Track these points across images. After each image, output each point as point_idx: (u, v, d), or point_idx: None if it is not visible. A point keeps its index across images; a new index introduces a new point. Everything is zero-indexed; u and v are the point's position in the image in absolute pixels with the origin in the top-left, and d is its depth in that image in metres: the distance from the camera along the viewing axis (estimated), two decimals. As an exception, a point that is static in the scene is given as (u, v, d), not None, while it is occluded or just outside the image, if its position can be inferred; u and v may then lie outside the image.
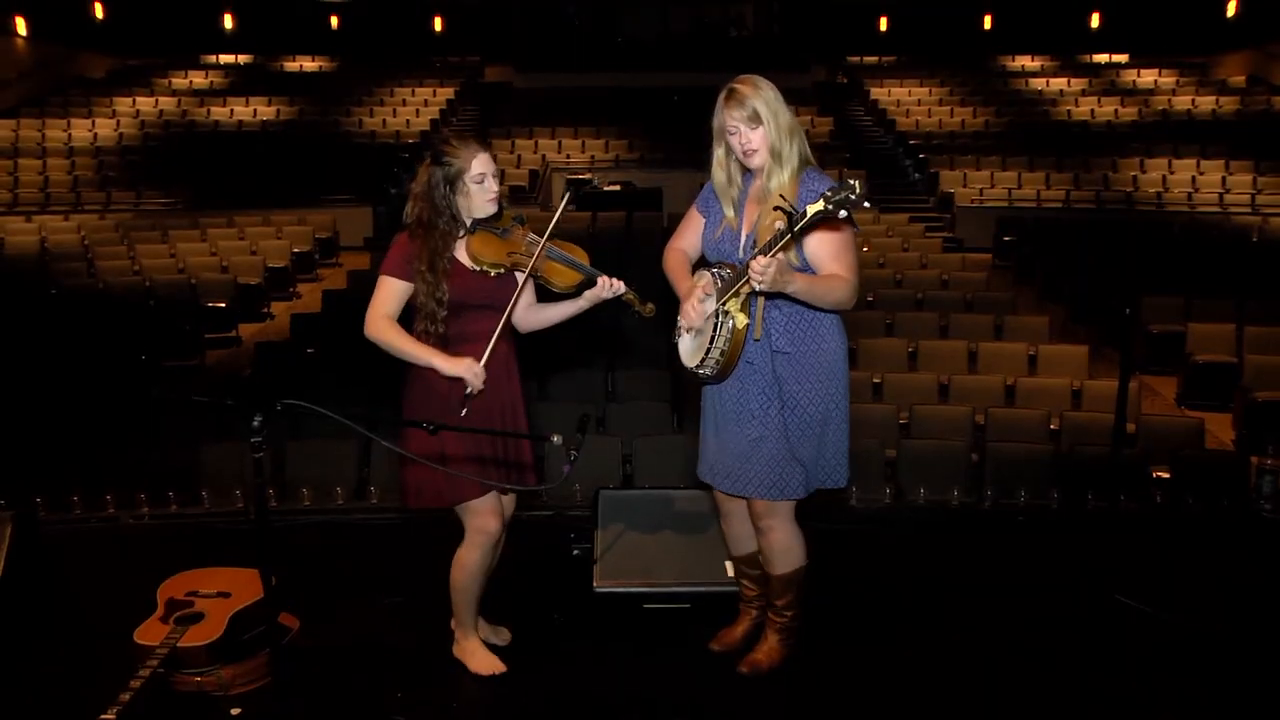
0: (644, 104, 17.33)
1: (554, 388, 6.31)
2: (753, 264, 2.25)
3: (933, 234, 12.20)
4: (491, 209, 2.70)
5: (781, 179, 2.54)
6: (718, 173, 2.66)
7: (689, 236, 2.80)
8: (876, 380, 6.53)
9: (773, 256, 2.28)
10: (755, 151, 2.55)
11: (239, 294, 9.71)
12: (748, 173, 2.66)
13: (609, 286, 2.66)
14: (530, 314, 2.84)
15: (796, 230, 2.19)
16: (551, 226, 2.63)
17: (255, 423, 2.08)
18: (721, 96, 2.57)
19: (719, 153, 2.64)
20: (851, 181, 2.12)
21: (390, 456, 2.78)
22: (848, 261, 2.51)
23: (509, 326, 2.76)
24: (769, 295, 2.48)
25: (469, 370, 2.61)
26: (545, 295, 2.81)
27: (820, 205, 2.14)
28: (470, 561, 2.80)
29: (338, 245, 12.45)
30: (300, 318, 8.37)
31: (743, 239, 2.63)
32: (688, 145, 16.19)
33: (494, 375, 2.70)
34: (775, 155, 2.54)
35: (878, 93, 18.14)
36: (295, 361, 7.09)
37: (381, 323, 2.63)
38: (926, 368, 6.92)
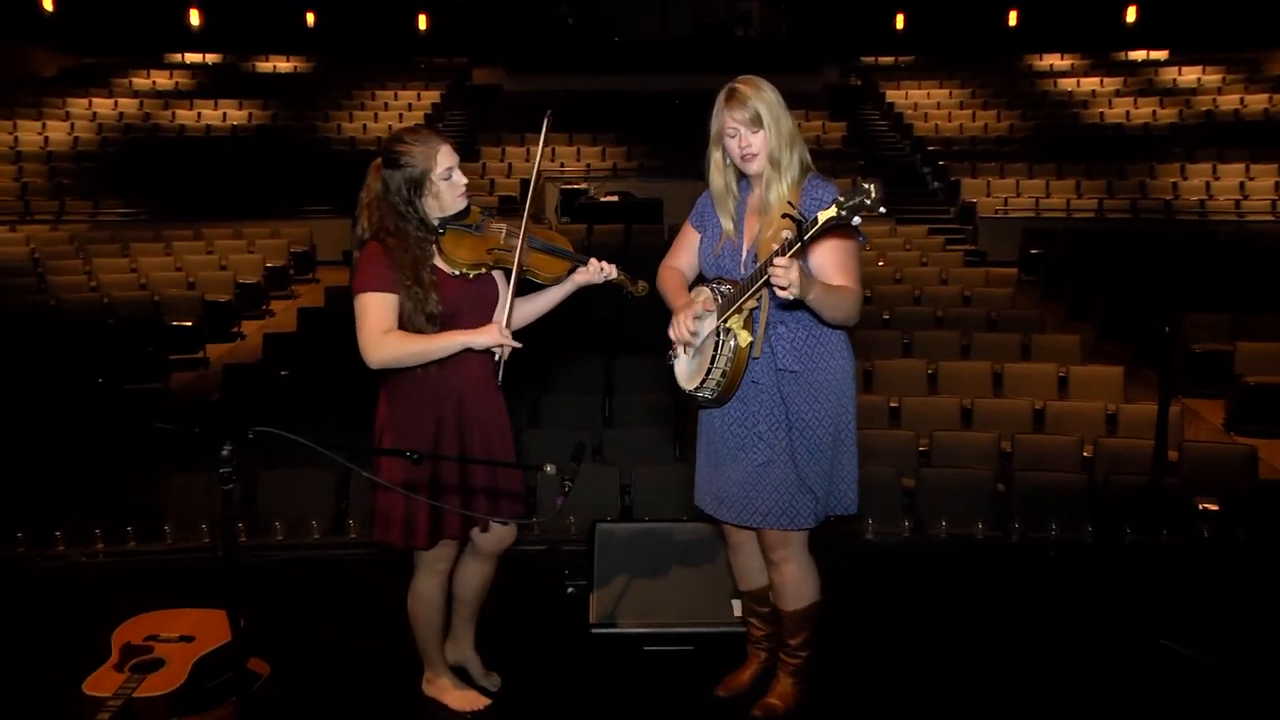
0: (643, 108, 17.49)
1: (547, 413, 6.33)
2: (774, 264, 2.28)
3: (953, 247, 12.27)
4: (462, 204, 2.70)
5: (781, 189, 2.58)
6: (715, 178, 2.69)
7: (684, 254, 2.84)
8: (894, 404, 6.55)
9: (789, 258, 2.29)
10: (754, 156, 2.59)
11: (207, 312, 9.75)
12: (744, 180, 2.70)
13: (599, 270, 2.69)
14: (522, 309, 2.84)
15: (807, 238, 2.22)
16: (531, 194, 2.66)
17: (224, 451, 2.08)
18: (721, 96, 2.60)
19: (716, 156, 2.68)
20: (866, 185, 2.10)
21: (372, 487, 2.77)
22: (853, 273, 2.55)
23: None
24: (784, 305, 2.51)
25: (497, 336, 2.60)
26: (530, 286, 2.83)
27: (833, 211, 2.15)
28: (426, 591, 2.82)
29: (314, 260, 12.53)
30: (274, 338, 8.40)
31: (744, 253, 2.66)
32: (690, 153, 16.04)
33: (478, 397, 2.70)
34: (774, 163, 2.58)
35: (894, 95, 18.28)
36: (268, 385, 7.11)
37: (388, 340, 2.56)
38: (947, 391, 6.95)
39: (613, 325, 7.81)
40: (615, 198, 13.83)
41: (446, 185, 2.65)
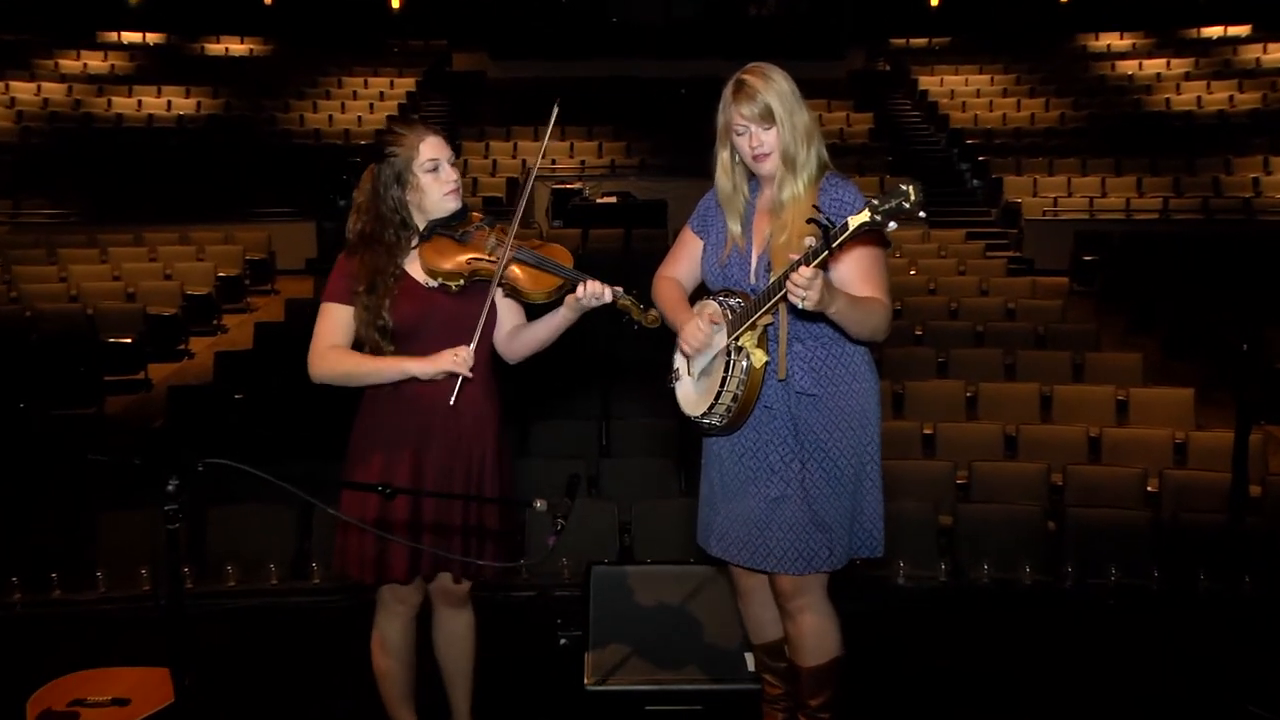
0: (645, 98, 17.61)
1: (536, 441, 6.36)
2: (795, 276, 2.29)
3: (995, 253, 12.34)
4: (452, 205, 2.74)
5: (796, 189, 2.60)
6: (722, 180, 2.73)
7: (683, 263, 2.87)
8: (928, 431, 6.58)
9: (810, 268, 2.31)
10: (766, 156, 2.62)
11: (149, 327, 9.78)
12: (754, 180, 2.74)
13: (597, 291, 2.67)
14: (516, 338, 2.84)
15: (835, 245, 2.24)
16: (522, 202, 2.67)
17: (170, 487, 2.09)
18: (728, 89, 2.64)
19: (723, 156, 2.71)
20: (905, 186, 2.12)
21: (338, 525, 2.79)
22: (880, 282, 2.58)
23: (485, 353, 2.78)
24: (803, 317, 2.54)
25: (452, 363, 2.61)
26: (531, 311, 2.84)
27: (866, 216, 2.17)
28: (390, 637, 2.87)
29: (273, 268, 12.58)
30: (226, 356, 8.44)
31: (754, 261, 2.68)
32: (698, 148, 16.00)
33: (460, 422, 2.72)
34: (788, 161, 2.61)
35: (928, 82, 18.40)
36: (220, 410, 7.13)
37: (329, 355, 2.67)
38: (989, 416, 6.98)
39: (611, 342, 7.85)
40: (613, 199, 13.93)
41: (430, 179, 2.70)
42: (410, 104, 17.61)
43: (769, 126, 2.59)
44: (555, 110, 2.85)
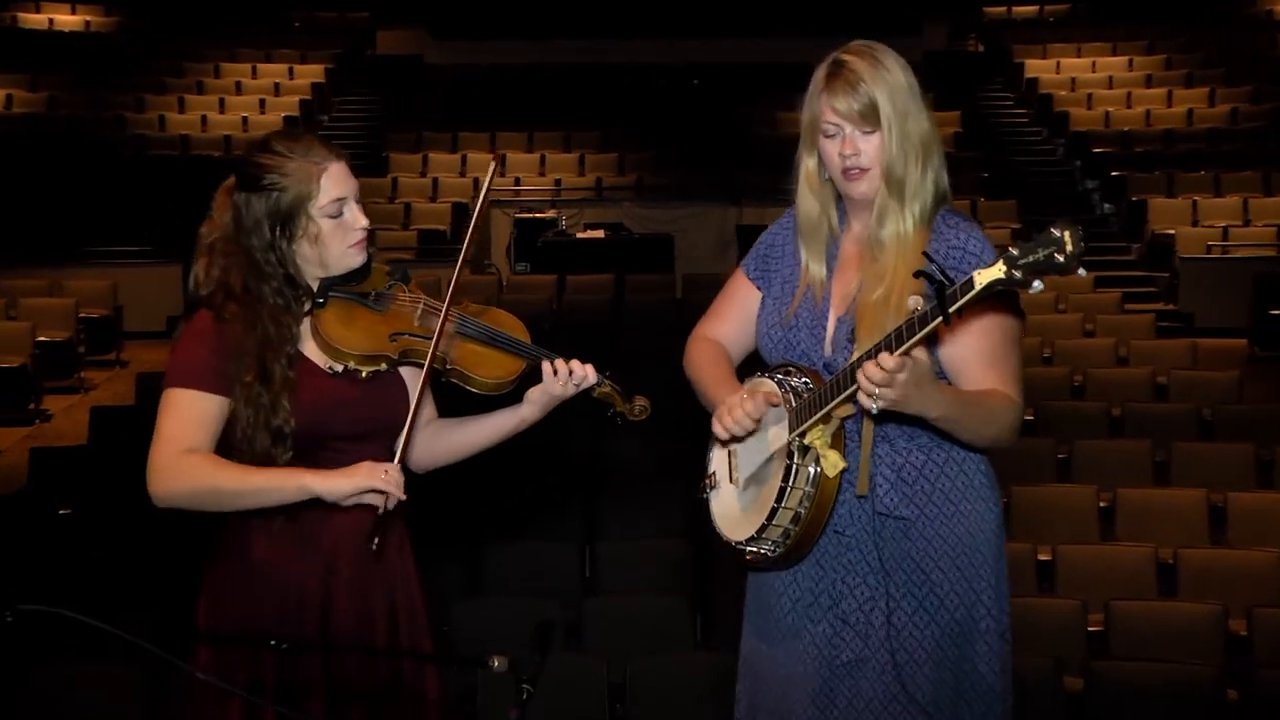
0: (643, 92, 17.84)
1: (494, 572, 6.37)
2: (868, 369, 2.27)
3: (1138, 305, 12.42)
4: (356, 260, 2.72)
5: (902, 225, 2.61)
6: (806, 198, 2.75)
7: (730, 321, 2.90)
8: (1044, 557, 6.57)
9: (902, 355, 2.28)
10: (862, 173, 2.61)
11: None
12: (840, 205, 2.76)
13: (568, 376, 2.68)
14: (434, 439, 2.86)
15: (952, 311, 2.21)
16: (456, 274, 2.62)
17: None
18: (820, 72, 2.65)
19: (809, 164, 2.73)
20: (1058, 232, 2.09)
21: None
22: (1010, 370, 2.59)
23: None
24: (888, 419, 2.53)
25: (382, 481, 2.53)
26: (455, 401, 2.84)
27: (999, 271, 2.15)
28: None
29: (119, 330, 12.59)
30: (47, 455, 8.47)
31: (830, 325, 2.69)
32: (716, 162, 15.32)
33: (379, 555, 2.69)
34: (893, 184, 2.60)
35: (1037, 67, 18.66)
36: (38, 530, 7.13)
37: (184, 464, 2.57)
38: (1134, 536, 6.97)
39: (596, 434, 7.89)
40: (600, 233, 13.99)
41: (333, 226, 2.67)
42: (319, 100, 17.81)
43: (870, 131, 2.59)
44: (492, 167, 2.83)
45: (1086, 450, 8.00)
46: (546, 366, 2.69)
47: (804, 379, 2.62)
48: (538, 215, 14.41)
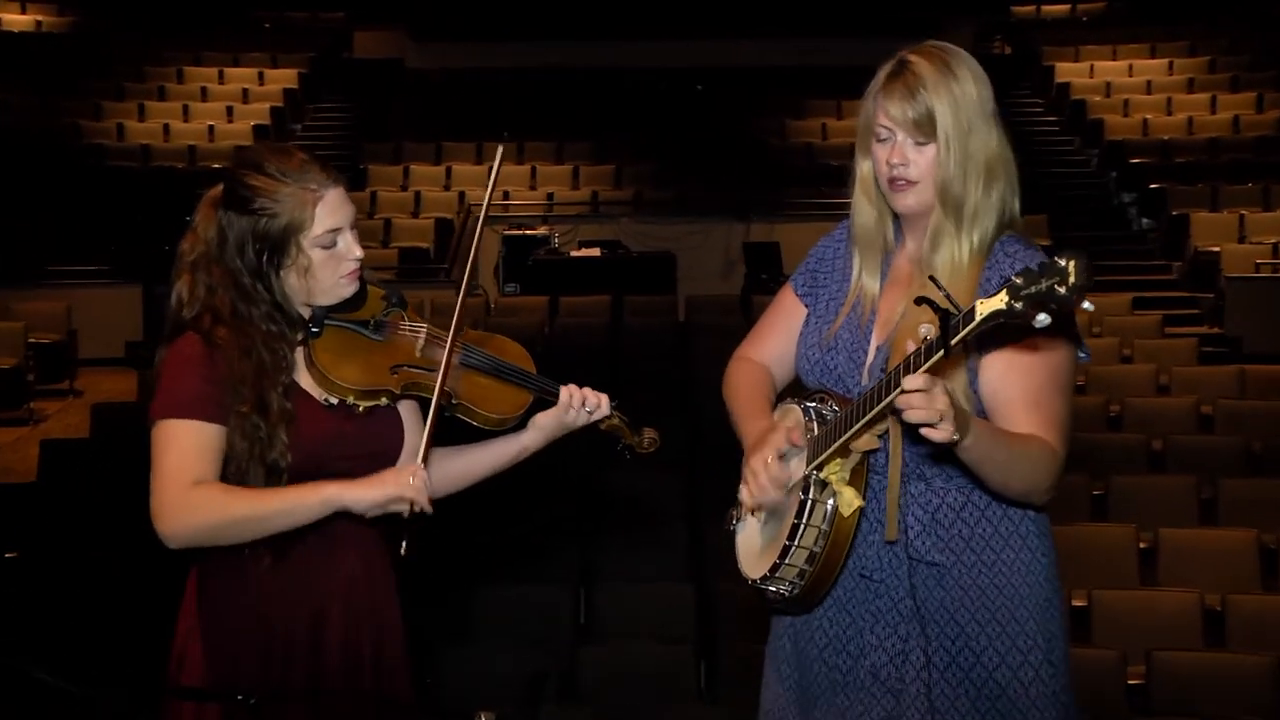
0: (642, 99, 17.85)
1: (483, 618, 6.37)
2: (902, 385, 2.22)
3: (1179, 329, 12.43)
4: (347, 291, 2.72)
5: (957, 250, 2.58)
6: (862, 206, 2.72)
7: (775, 340, 2.90)
8: (1079, 603, 6.57)
9: (923, 374, 2.24)
10: (909, 185, 2.60)
11: None
12: (897, 221, 2.74)
13: (579, 405, 2.70)
14: (431, 470, 2.81)
15: (955, 342, 2.19)
16: (461, 298, 2.64)
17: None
18: (883, 72, 2.64)
19: (864, 168, 2.71)
20: (1062, 262, 2.06)
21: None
22: (1053, 415, 2.52)
23: None
24: (929, 449, 2.47)
25: (401, 485, 2.55)
26: (450, 429, 2.84)
27: (1001, 301, 2.12)
28: None
29: (73, 358, 12.58)
30: (-6, 493, 8.49)
31: (871, 350, 2.68)
32: (721, 174, 15.31)
33: (355, 595, 2.75)
34: (949, 205, 2.58)
35: (1069, 70, 18.70)
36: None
37: (200, 497, 2.54)
38: (1176, 580, 6.96)
39: (595, 465, 7.91)
40: (596, 251, 13.95)
41: (325, 258, 2.66)
42: (292, 107, 17.82)
43: (924, 142, 2.57)
44: (500, 153, 2.87)
45: (1124, 487, 7.98)
46: (563, 393, 2.71)
47: (833, 405, 2.60)
48: (528, 232, 14.41)
